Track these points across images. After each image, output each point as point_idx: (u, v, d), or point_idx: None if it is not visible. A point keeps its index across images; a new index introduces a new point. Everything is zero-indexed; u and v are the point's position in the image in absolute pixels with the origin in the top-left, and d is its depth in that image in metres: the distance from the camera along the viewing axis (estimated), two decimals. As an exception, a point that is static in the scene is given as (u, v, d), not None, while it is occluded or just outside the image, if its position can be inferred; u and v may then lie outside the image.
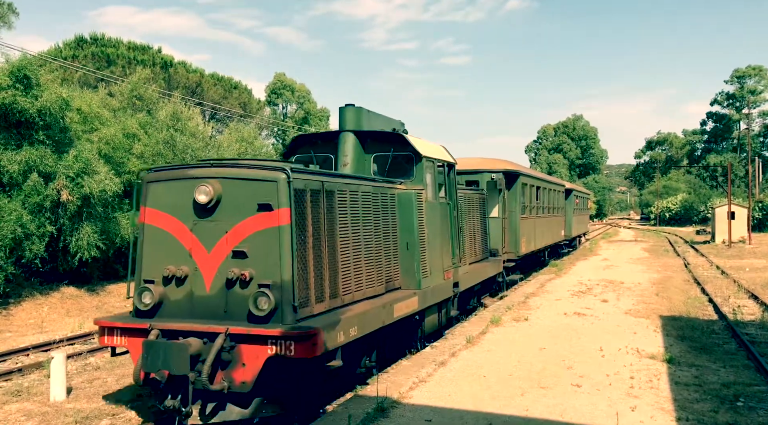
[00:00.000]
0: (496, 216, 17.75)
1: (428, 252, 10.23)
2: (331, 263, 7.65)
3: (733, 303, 15.90)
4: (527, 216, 20.46)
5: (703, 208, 75.38)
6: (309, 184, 7.32)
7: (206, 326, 6.71)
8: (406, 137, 10.38)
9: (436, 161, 10.95)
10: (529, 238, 20.48)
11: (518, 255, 19.00)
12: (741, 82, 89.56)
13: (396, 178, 10.31)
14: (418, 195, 10.00)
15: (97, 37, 47.24)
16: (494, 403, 7.58)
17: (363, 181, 8.98)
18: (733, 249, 35.85)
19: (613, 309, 14.46)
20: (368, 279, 8.66)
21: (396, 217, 9.76)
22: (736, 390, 8.19)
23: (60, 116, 18.28)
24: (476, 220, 14.61)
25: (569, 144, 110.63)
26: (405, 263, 9.82)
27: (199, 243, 7.03)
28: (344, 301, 7.89)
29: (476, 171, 17.64)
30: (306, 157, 10.80)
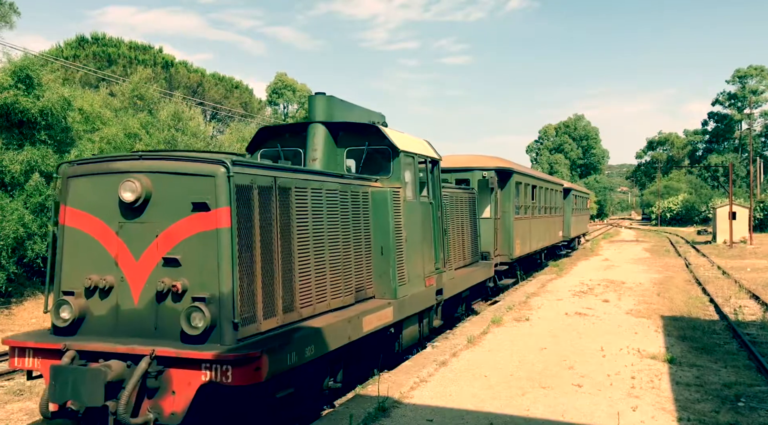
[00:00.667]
0: (488, 216, 16.86)
1: (406, 257, 9.29)
2: (285, 271, 6.63)
3: (734, 303, 15.89)
4: (522, 216, 19.57)
5: (705, 209, 75.35)
6: (257, 180, 6.32)
7: (129, 347, 5.71)
8: (382, 129, 9.33)
9: (416, 156, 9.96)
10: (523, 240, 19.59)
11: (512, 257, 18.08)
12: (742, 82, 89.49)
13: (372, 174, 9.37)
14: (394, 193, 9.04)
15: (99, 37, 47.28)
16: (495, 403, 7.58)
17: (328, 177, 7.94)
18: (735, 249, 35.83)
19: (615, 310, 14.45)
20: (334, 288, 7.68)
21: (369, 218, 8.77)
22: (737, 391, 8.18)
23: (62, 116, 18.32)
24: (465, 221, 13.74)
25: (570, 144, 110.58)
26: (379, 269, 8.81)
27: (126, 248, 6.06)
28: (302, 315, 6.92)
29: (466, 169, 16.79)
30: (273, 152, 9.69)
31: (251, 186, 6.21)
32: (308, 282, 7.11)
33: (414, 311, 9.67)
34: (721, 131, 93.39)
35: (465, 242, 13.59)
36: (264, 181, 6.46)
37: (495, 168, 17.20)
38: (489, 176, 16.72)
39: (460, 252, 13.21)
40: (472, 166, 16.90)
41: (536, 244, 22.16)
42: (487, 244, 16.30)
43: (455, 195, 13.18)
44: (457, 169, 16.58)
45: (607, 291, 17.71)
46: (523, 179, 19.91)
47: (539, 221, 22.78)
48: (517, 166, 19.90)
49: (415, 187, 9.91)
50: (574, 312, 14.06)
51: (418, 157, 10.03)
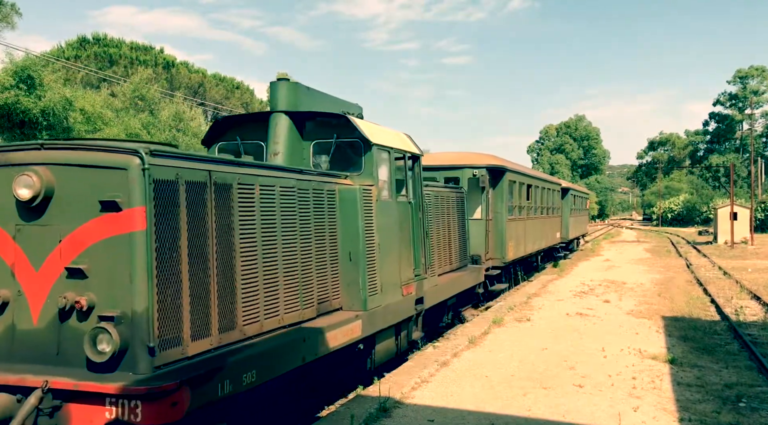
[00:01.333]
0: (479, 218, 15.88)
1: (380, 264, 8.28)
2: (224, 283, 5.60)
3: (735, 303, 15.88)
4: (515, 217, 18.49)
5: (706, 209, 75.37)
6: (184, 174, 5.26)
7: (19, 377, 4.75)
8: (352, 120, 8.32)
9: (393, 151, 9.02)
10: (517, 242, 18.53)
11: (504, 261, 16.99)
12: (743, 83, 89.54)
13: (342, 170, 8.45)
14: (365, 191, 8.05)
15: (100, 38, 47.38)
16: (496, 403, 7.58)
17: (283, 173, 6.89)
18: (736, 249, 35.81)
19: (616, 310, 14.45)
20: (289, 301, 6.68)
21: (336, 220, 7.75)
22: (738, 391, 8.18)
23: (63, 116, 18.39)
24: (453, 223, 12.73)
25: (571, 144, 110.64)
26: (347, 278, 7.81)
27: (24, 256, 5.06)
28: (246, 334, 5.89)
29: (456, 167, 15.90)
30: (232, 146, 8.80)
31: (176, 181, 5.17)
32: (255, 294, 6.07)
33: (388, 323, 8.70)
34: (722, 131, 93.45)
35: (452, 245, 12.59)
36: (194, 176, 5.40)
37: (486, 166, 16.19)
38: (480, 174, 15.78)
39: (446, 257, 12.18)
40: (461, 163, 16.04)
41: (532, 247, 21.19)
42: (478, 247, 15.42)
43: (441, 194, 12.22)
44: (445, 167, 15.85)
45: (608, 291, 17.70)
46: (516, 178, 18.85)
47: (535, 222, 21.84)
48: (510, 163, 18.87)
49: (391, 184, 8.95)
50: (575, 312, 14.06)
51: (395, 151, 9.11)
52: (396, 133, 9.76)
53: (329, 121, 8.54)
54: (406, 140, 9.93)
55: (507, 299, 16.52)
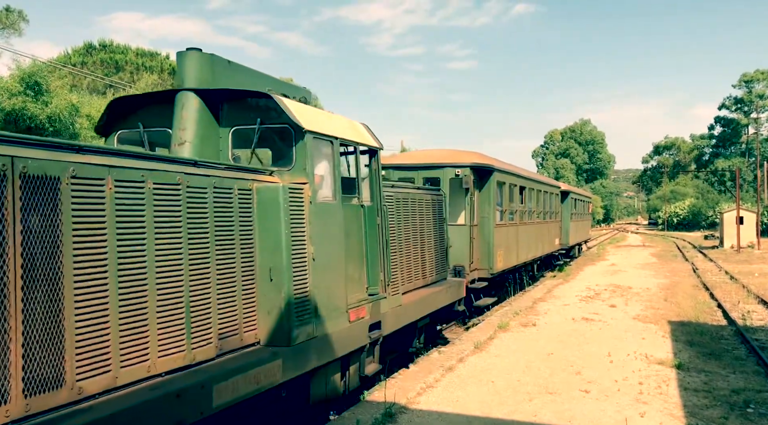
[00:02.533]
0: (463, 223, 14.36)
1: (314, 282, 6.59)
2: (39, 322, 3.94)
3: (742, 308, 15.80)
4: (506, 222, 16.75)
5: (712, 213, 75.14)
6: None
7: None
8: (277, 100, 6.60)
9: (337, 142, 7.36)
10: (508, 250, 16.77)
11: (492, 272, 15.23)
12: (749, 87, 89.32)
13: (272, 165, 7.09)
14: (294, 191, 6.44)
15: (106, 44, 47.66)
16: (502, 409, 7.56)
17: (159, 164, 5.08)
18: (742, 254, 35.66)
19: (622, 315, 14.40)
20: (167, 339, 4.94)
21: (252, 227, 6.16)
22: (746, 397, 8.14)
23: (70, 122, 18.50)
24: (427, 230, 10.91)
25: (576, 149, 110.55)
26: (267, 303, 6.14)
27: None
28: (83, 392, 4.20)
29: (435, 165, 14.34)
30: (134, 135, 7.14)
31: None
32: (101, 332, 4.37)
33: (328, 358, 6.96)
34: (727, 135, 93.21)
35: (426, 256, 10.79)
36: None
37: (470, 164, 14.51)
38: (463, 174, 14.16)
39: (418, 270, 10.38)
40: (442, 162, 14.43)
41: (526, 255, 19.40)
42: (461, 257, 13.92)
43: (411, 197, 10.43)
44: (424, 166, 14.44)
45: (614, 296, 17.65)
46: (507, 178, 16.96)
47: (530, 228, 20.15)
48: (499, 162, 16.91)
49: (335, 183, 7.26)
50: (580, 317, 14.02)
51: (340, 142, 7.45)
52: (345, 120, 8.15)
53: (250, 102, 6.85)
54: (359, 130, 8.35)
55: (513, 304, 16.48)
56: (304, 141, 6.63)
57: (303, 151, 6.63)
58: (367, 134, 8.48)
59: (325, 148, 7.18)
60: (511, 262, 17.18)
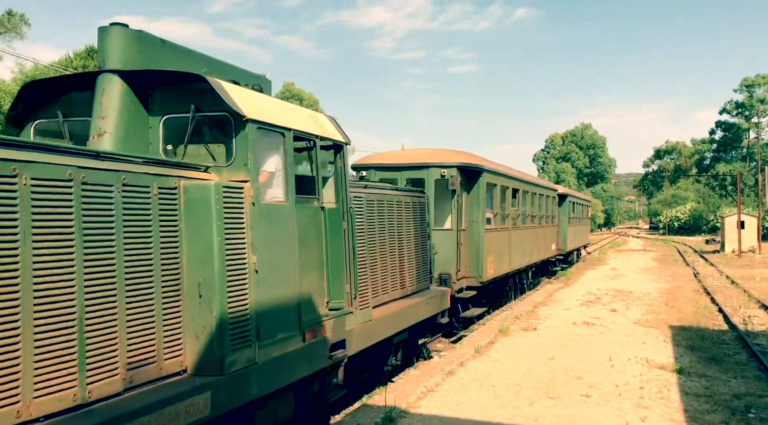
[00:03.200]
0: (450, 228, 13.41)
1: (257, 298, 5.60)
2: None
3: (743, 313, 15.79)
4: (497, 227, 15.68)
5: (713, 218, 75.13)
6: None
7: None
8: (214, 83, 5.62)
9: (290, 133, 6.35)
10: (499, 257, 15.70)
11: (482, 280, 14.19)
12: (750, 91, 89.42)
13: (206, 159, 6.24)
14: (231, 191, 5.40)
15: (108, 47, 47.63)
16: (503, 413, 7.55)
17: (38, 154, 4.12)
18: (743, 258, 35.63)
19: (622, 319, 14.39)
20: (49, 372, 3.92)
21: (179, 234, 5.15)
22: (747, 402, 8.12)
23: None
24: (407, 235, 9.94)
25: (577, 153, 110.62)
26: (196, 323, 5.14)
27: None
28: None
29: (420, 165, 13.51)
30: (54, 126, 6.12)
31: None
32: None
33: (274, 387, 5.90)
34: (728, 140, 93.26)
35: (405, 264, 9.80)
36: None
37: (457, 164, 13.55)
38: (449, 175, 13.22)
39: (395, 279, 9.39)
40: (427, 162, 13.56)
41: (520, 261, 18.24)
42: (447, 264, 12.97)
43: (388, 198, 9.43)
44: (407, 166, 13.64)
45: (615, 300, 17.63)
46: (498, 180, 15.89)
47: (525, 233, 19.07)
48: (489, 162, 15.76)
49: (288, 182, 6.27)
50: (581, 321, 14.01)
51: (294, 135, 6.43)
52: (306, 112, 7.27)
53: (183, 86, 5.89)
54: (321, 122, 7.32)
55: (513, 308, 16.47)
56: (246, 131, 5.68)
57: (244, 144, 5.67)
58: (330, 127, 7.46)
59: (273, 141, 6.21)
60: (503, 269, 16.17)
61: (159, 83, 5.92)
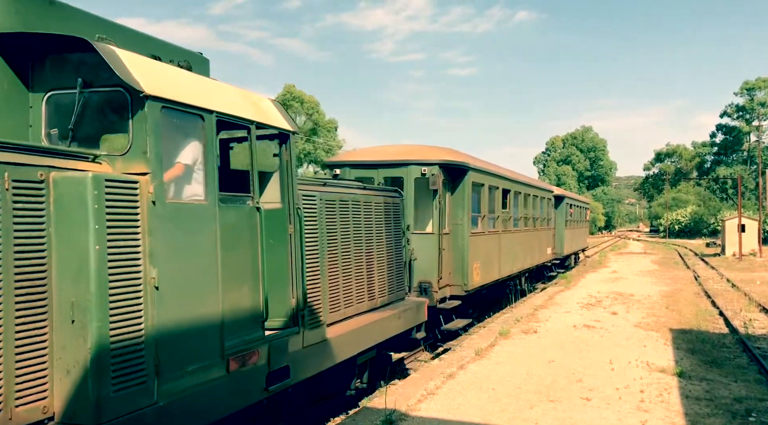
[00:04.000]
0: (431, 231, 12.36)
1: (157, 321, 4.52)
2: None
3: (744, 316, 15.77)
4: (484, 230, 14.64)
5: (713, 221, 75.15)
6: None
7: None
8: (102, 49, 4.46)
9: (213, 117, 5.22)
10: (487, 262, 14.73)
11: (467, 289, 13.18)
12: (751, 95, 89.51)
13: (98, 144, 5.04)
14: (118, 186, 4.33)
15: (109, 49, 47.74)
16: (503, 416, 7.54)
17: None
18: (744, 262, 35.60)
19: (623, 322, 14.37)
20: None
21: (47, 241, 4.08)
22: (748, 405, 8.10)
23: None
24: (377, 240, 8.78)
25: (578, 155, 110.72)
26: (68, 356, 4.05)
27: None
28: None
29: (398, 163, 12.40)
30: None
31: None
32: None
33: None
34: (729, 143, 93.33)
35: (374, 272, 8.65)
36: None
37: (439, 162, 12.45)
38: (430, 173, 12.12)
39: (361, 290, 8.22)
40: (406, 159, 12.46)
41: (511, 267, 17.20)
42: (428, 271, 11.99)
43: (354, 198, 8.25)
44: (384, 163, 12.55)
45: (616, 303, 17.61)
46: (485, 179, 14.76)
47: (516, 236, 17.91)
48: (475, 160, 14.63)
49: (209, 176, 5.15)
50: (582, 324, 13.99)
51: (217, 118, 5.27)
52: (238, 92, 5.91)
53: (70, 55, 4.82)
54: (260, 106, 6.12)
55: (514, 310, 16.45)
56: (145, 111, 4.52)
57: (142, 126, 4.52)
58: (274, 113, 6.29)
59: (189, 126, 5.08)
60: (491, 276, 15.13)
61: (41, 52, 4.85)
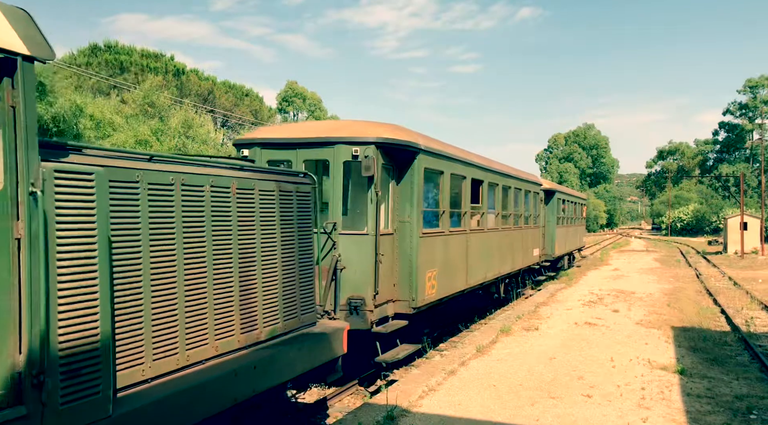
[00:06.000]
0: (365, 232, 9.35)
1: None
2: None
3: (745, 314, 15.76)
4: (443, 230, 11.48)
5: (715, 219, 75.10)
6: None
7: None
8: None
9: None
10: (448, 270, 11.71)
11: (416, 305, 10.20)
12: (754, 92, 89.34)
13: None
14: None
15: (111, 45, 47.77)
16: (504, 413, 7.54)
17: None
18: (746, 260, 35.56)
19: (625, 320, 14.36)
20: None
21: None
22: (749, 403, 8.10)
23: (73, 122, 18.55)
24: (265, 243, 6.22)
25: (580, 153, 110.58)
26: None
27: None
28: None
29: (322, 141, 9.47)
30: None
31: None
32: None
33: None
34: (732, 141, 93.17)
35: (255, 291, 6.06)
36: None
37: (376, 140, 9.42)
38: (364, 154, 9.27)
39: (225, 319, 5.55)
40: (332, 136, 9.50)
41: (484, 273, 14.33)
42: (361, 283, 9.25)
43: (212, 181, 5.50)
44: (303, 142, 9.60)
45: (617, 301, 17.61)
46: (446, 166, 11.70)
47: (491, 237, 14.99)
48: (429, 140, 11.11)
49: None
50: (583, 321, 13.98)
51: None
52: None
53: None
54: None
55: (515, 308, 16.44)
56: None
57: None
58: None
59: None
60: (454, 286, 12.12)
61: None
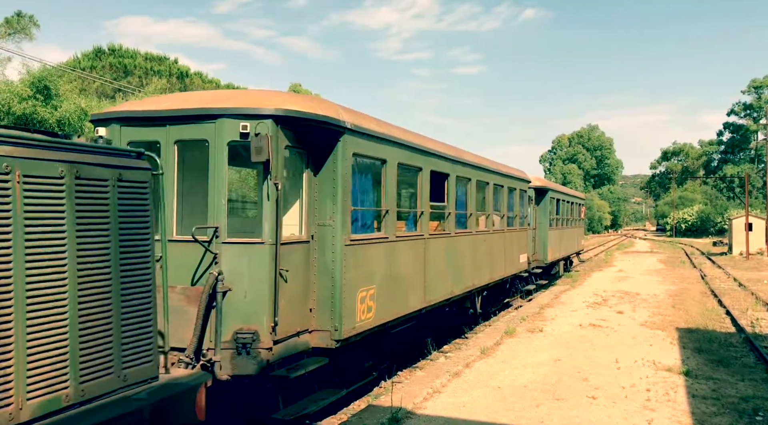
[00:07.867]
0: (259, 240, 6.81)
1: None
2: None
3: (751, 315, 15.71)
4: (387, 236, 9.02)
5: (720, 220, 74.88)
6: None
7: None
8: None
9: None
10: (394, 285, 9.21)
11: (341, 337, 7.59)
12: (758, 93, 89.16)
13: None
14: None
15: (115, 48, 47.98)
16: (509, 414, 7.54)
17: None
18: (751, 261, 35.45)
19: (629, 321, 14.34)
20: None
21: None
22: (755, 404, 8.08)
23: (78, 126, 18.61)
24: (46, 268, 4.05)
25: (584, 154, 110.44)
26: None
27: None
28: None
29: (200, 114, 6.97)
30: None
31: None
32: None
33: None
34: (736, 142, 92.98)
35: (15, 335, 3.81)
36: None
37: (275, 112, 6.92)
38: (256, 132, 6.73)
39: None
40: (213, 107, 7.01)
41: (450, 287, 11.76)
42: (252, 311, 6.75)
43: None
44: (176, 115, 7.07)
45: (622, 302, 17.57)
46: (391, 153, 9.18)
47: (460, 242, 12.36)
48: (363, 118, 8.55)
49: None
50: (588, 323, 13.96)
51: None
52: None
53: None
54: None
55: (520, 310, 16.42)
56: None
57: None
58: None
59: None
60: (405, 307, 9.66)
61: None
